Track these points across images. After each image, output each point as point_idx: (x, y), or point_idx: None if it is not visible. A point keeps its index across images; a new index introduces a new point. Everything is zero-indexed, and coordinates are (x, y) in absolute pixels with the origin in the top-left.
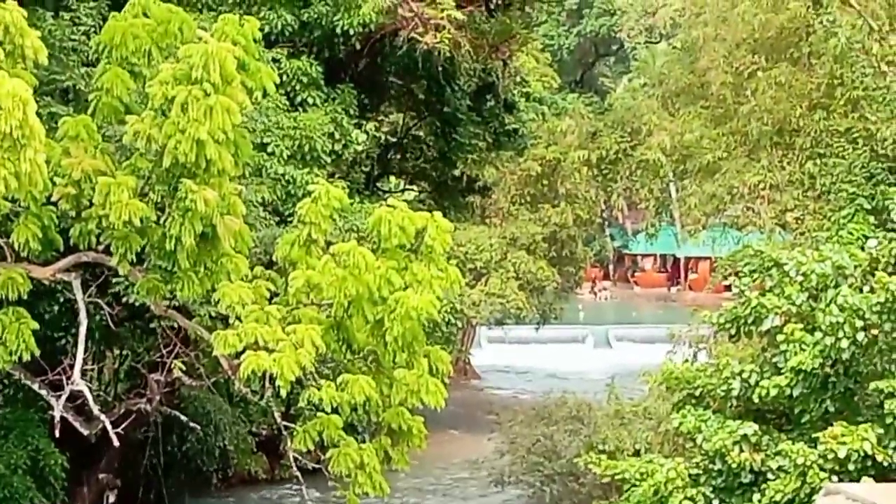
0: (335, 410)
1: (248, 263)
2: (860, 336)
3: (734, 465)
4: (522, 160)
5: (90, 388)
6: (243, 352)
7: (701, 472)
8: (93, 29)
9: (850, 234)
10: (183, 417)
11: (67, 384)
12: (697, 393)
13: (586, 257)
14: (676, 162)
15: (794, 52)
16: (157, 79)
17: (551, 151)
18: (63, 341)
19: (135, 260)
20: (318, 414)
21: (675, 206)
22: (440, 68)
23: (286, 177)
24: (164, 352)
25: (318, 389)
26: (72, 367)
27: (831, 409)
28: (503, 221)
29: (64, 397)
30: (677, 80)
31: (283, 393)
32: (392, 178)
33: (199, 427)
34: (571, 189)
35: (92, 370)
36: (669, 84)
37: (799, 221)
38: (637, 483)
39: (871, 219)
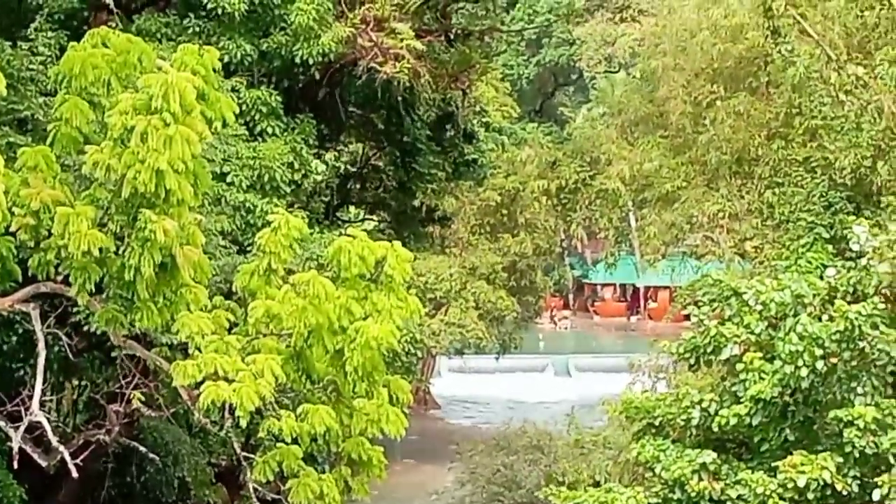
0: (295, 441)
1: (207, 293)
2: (819, 364)
3: (693, 494)
4: (482, 190)
5: (49, 420)
6: (203, 382)
7: (660, 501)
8: (51, 59)
9: (809, 262)
10: (142, 448)
11: (26, 415)
12: (657, 422)
13: (546, 287)
14: (636, 191)
15: (753, 82)
16: (117, 109)
17: (510, 181)
18: (21, 372)
19: (94, 290)
20: (278, 444)
21: (635, 236)
22: (400, 98)
23: (246, 206)
24: (123, 382)
25: (278, 420)
26: (30, 397)
27: (791, 438)
28: (463, 251)
29: (22, 429)
30: (636, 109)
31: (243, 423)
32: (352, 208)
33: (158, 458)
34: (531, 218)
35: (51, 401)
36: (628, 113)
37: (758, 250)
38: None
39: (830, 247)
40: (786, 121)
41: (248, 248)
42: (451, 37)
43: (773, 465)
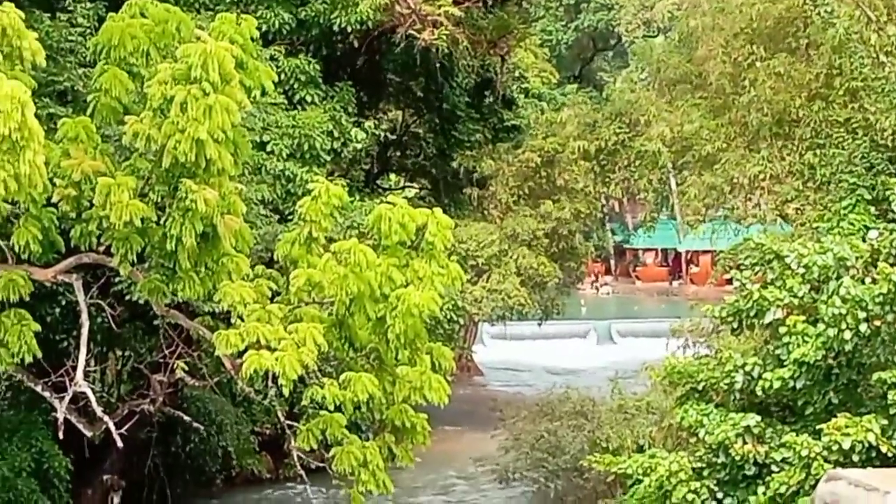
0: (338, 409)
1: (249, 262)
2: (863, 327)
3: (738, 458)
4: (520, 151)
5: (93, 390)
6: (245, 351)
7: (704, 465)
8: (90, 30)
9: (851, 224)
10: (186, 418)
11: (70, 386)
12: (700, 387)
13: (587, 252)
14: (675, 153)
15: (793, 43)
16: (156, 79)
17: (550, 142)
18: (65, 343)
19: (136, 260)
20: (321, 412)
21: (675, 199)
22: (438, 65)
23: (286, 175)
24: (166, 352)
25: (321, 388)
26: (74, 368)
27: (835, 401)
28: (503, 217)
29: (67, 399)
30: (675, 69)
31: (286, 392)
32: (392, 176)
33: (202, 427)
34: (570, 182)
35: (95, 371)
36: (667, 74)
37: (799, 212)
38: (640, 478)
39: (872, 209)
40: (826, 82)
41: (289, 217)
42: (489, 3)
43: (817, 428)
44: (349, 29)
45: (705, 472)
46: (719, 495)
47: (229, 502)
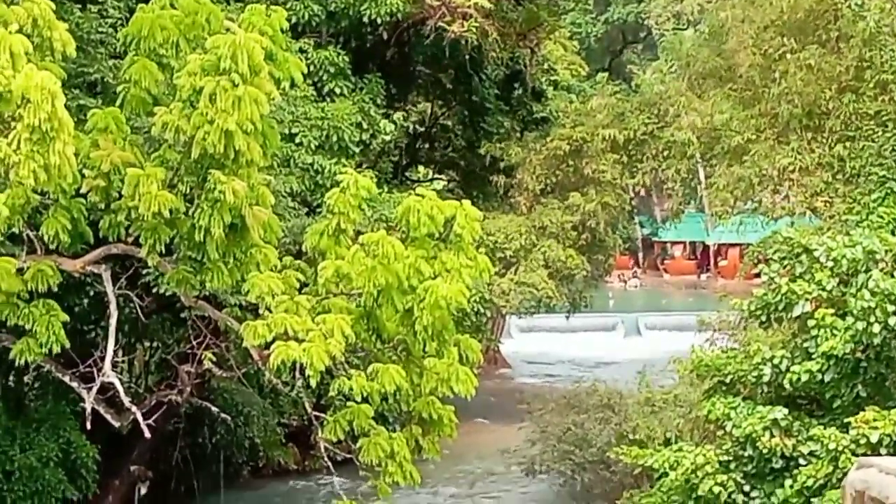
0: (365, 400)
1: (277, 254)
2: (892, 321)
3: (765, 451)
4: (549, 140)
5: (121, 381)
6: (273, 342)
7: (731, 458)
8: (120, 21)
9: (881, 217)
10: (213, 409)
11: (98, 376)
12: (728, 380)
13: (616, 245)
14: (704, 144)
15: (823, 35)
16: (185, 70)
17: (578, 131)
18: (93, 334)
19: (164, 251)
20: (349, 404)
21: (703, 190)
22: (468, 57)
23: (314, 167)
24: (194, 343)
25: (349, 379)
26: (102, 359)
27: (863, 394)
28: (531, 209)
29: (95, 389)
30: (704, 62)
31: (314, 383)
32: (420, 168)
33: (229, 418)
34: (598, 172)
35: (123, 362)
36: (696, 66)
37: (828, 205)
38: (667, 471)
39: None
40: (856, 74)
41: (318, 209)
42: None
43: (845, 421)
44: (379, 21)
45: (732, 465)
46: (746, 488)
47: (256, 493)
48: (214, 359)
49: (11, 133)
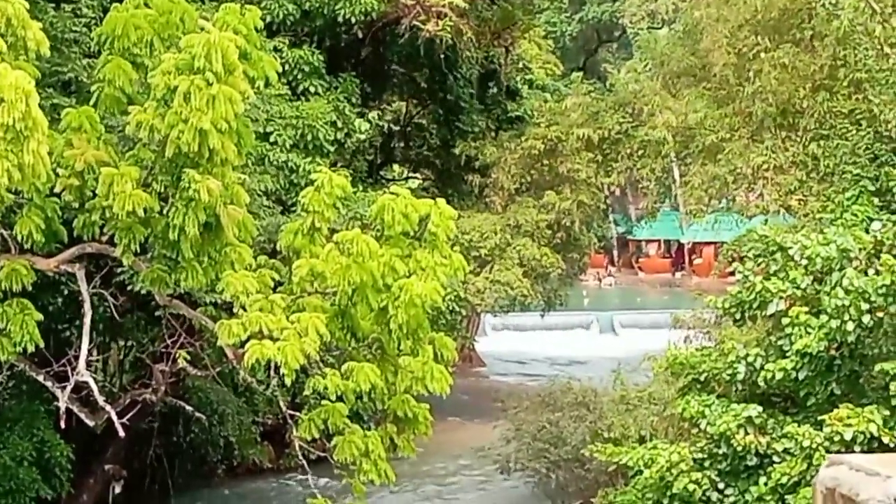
0: (340, 399)
1: (251, 252)
2: (866, 319)
3: (739, 449)
4: (523, 139)
5: (95, 380)
6: (248, 341)
7: (706, 456)
8: (94, 20)
9: (855, 216)
10: (188, 408)
11: (72, 375)
12: (702, 378)
13: (590, 243)
14: (679, 143)
15: (797, 34)
16: (160, 69)
17: (553, 130)
18: (68, 333)
19: (139, 250)
20: (323, 402)
21: (678, 189)
22: (442, 56)
23: (289, 165)
24: (168, 342)
25: (323, 378)
26: (77, 358)
27: (837, 392)
28: (506, 208)
29: (69, 389)
30: (679, 61)
31: (288, 382)
32: (395, 166)
33: (204, 417)
34: (572, 171)
35: (97, 361)
36: (671, 65)
37: (802, 203)
38: (642, 469)
39: (876, 200)
40: (830, 73)
41: (292, 208)
42: None
43: (819, 418)
44: (353, 20)
45: (707, 463)
46: (720, 486)
47: (231, 492)
48: (189, 358)
49: None
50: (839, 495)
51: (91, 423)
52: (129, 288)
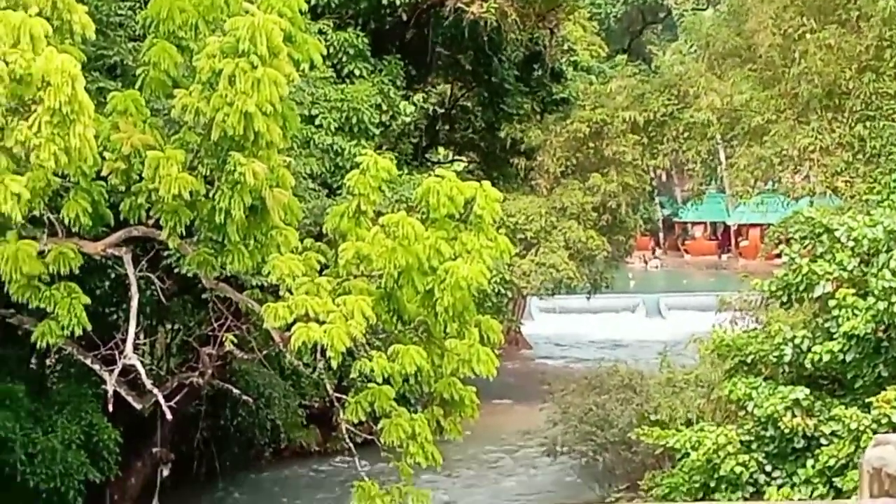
0: (387, 381)
1: (297, 235)
2: None
3: (786, 431)
4: (569, 122)
5: (143, 363)
6: (294, 324)
7: (753, 438)
8: (139, 3)
9: None
10: (235, 391)
11: (120, 359)
12: (749, 360)
13: (636, 226)
14: (725, 125)
15: (843, 15)
16: (205, 52)
17: (598, 113)
18: (115, 316)
19: (185, 233)
20: (370, 385)
21: (724, 171)
22: (487, 38)
23: (334, 148)
24: (215, 325)
25: (370, 360)
26: (124, 341)
27: (884, 374)
28: (551, 190)
29: (116, 372)
30: (724, 42)
31: (335, 365)
32: (440, 149)
33: (250, 400)
34: (618, 154)
35: (144, 345)
36: (716, 46)
37: (849, 185)
38: (689, 451)
39: None
40: (876, 54)
41: (338, 191)
42: None
43: (866, 401)
44: (398, 2)
45: (754, 446)
46: (768, 468)
47: (278, 475)
48: (235, 341)
49: (32, 116)
50: (886, 475)
51: (139, 407)
52: (175, 271)
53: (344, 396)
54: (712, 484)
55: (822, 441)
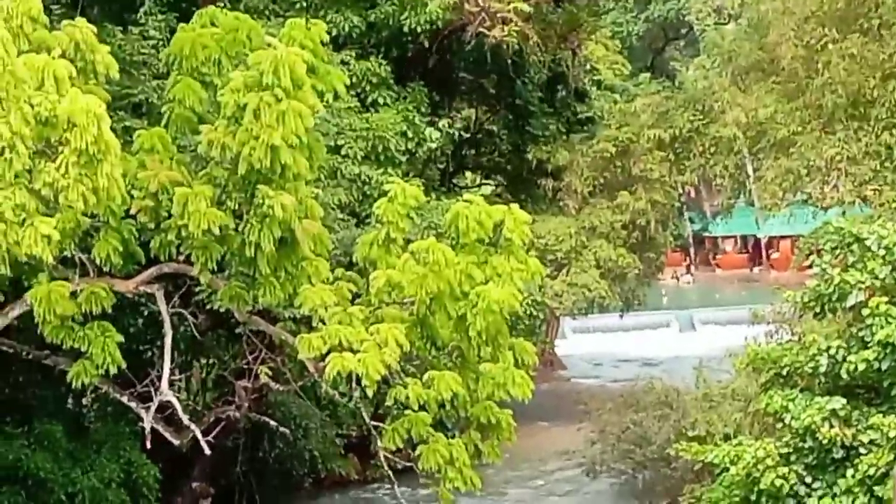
0: (423, 408)
1: (328, 266)
2: None
3: (825, 442)
4: (595, 142)
5: (179, 399)
6: (328, 354)
7: (791, 450)
8: (161, 42)
9: None
10: (272, 423)
11: (156, 395)
12: (784, 372)
13: (666, 242)
14: (750, 138)
15: (864, 24)
16: (228, 87)
17: (623, 132)
18: (149, 353)
19: (216, 268)
20: (406, 412)
21: (752, 184)
22: (509, 61)
23: (362, 177)
24: (249, 358)
25: (405, 388)
26: (159, 378)
27: None
28: (580, 210)
29: (153, 409)
30: (747, 56)
31: (370, 393)
32: (467, 174)
33: (288, 431)
34: (645, 171)
35: (179, 380)
36: (739, 60)
37: (878, 193)
38: (728, 466)
39: None
40: None
41: (366, 219)
42: None
43: None
44: (419, 29)
45: (793, 458)
46: (808, 480)
47: None
48: (270, 373)
49: (59, 157)
50: None
51: (176, 443)
52: (208, 306)
53: (381, 424)
54: (753, 497)
55: (861, 450)
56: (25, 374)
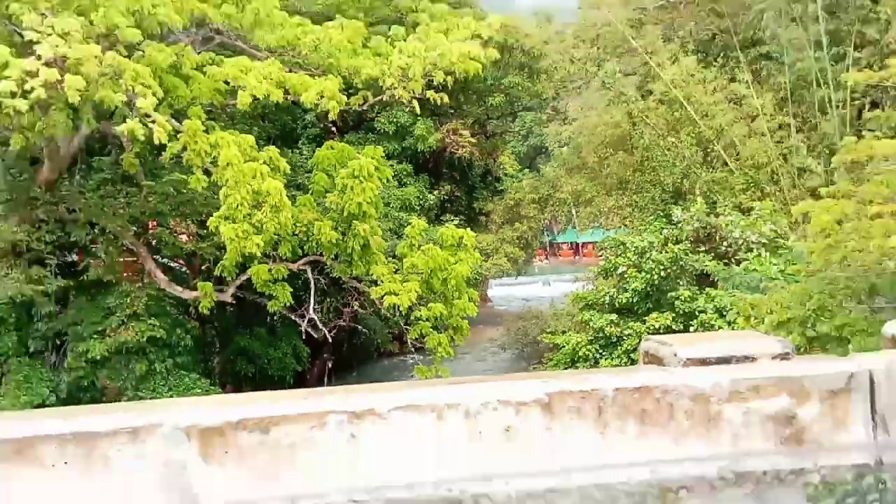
0: (427, 319)
1: (384, 257)
2: (662, 273)
3: (608, 335)
4: (504, 199)
5: (317, 316)
6: (385, 295)
7: (593, 339)
8: (308, 155)
9: (654, 227)
10: (359, 327)
11: (306, 313)
12: (590, 302)
13: (537, 245)
14: (574, 199)
15: (625, 145)
16: (340, 175)
17: (517, 195)
18: (303, 296)
19: (335, 257)
20: (420, 321)
21: (575, 219)
22: (466, 164)
23: (399, 218)
24: (349, 299)
25: (419, 310)
26: (308, 308)
27: (652, 307)
28: (498, 230)
29: (306, 320)
30: (573, 162)
31: (404, 312)
32: (448, 215)
33: (366, 331)
34: (527, 213)
35: (317, 308)
36: (569, 164)
37: (631, 223)
38: (563, 345)
39: (664, 220)
40: (641, 163)
41: (401, 236)
42: (488, 134)
43: (644, 319)
44: (425, 151)
45: (593, 342)
46: (600, 353)
47: (377, 364)
48: (358, 304)
49: (262, 208)
50: (650, 355)
51: (315, 336)
52: (330, 275)
53: (408, 327)
54: (575, 360)
55: (624, 338)
56: (251, 308)
